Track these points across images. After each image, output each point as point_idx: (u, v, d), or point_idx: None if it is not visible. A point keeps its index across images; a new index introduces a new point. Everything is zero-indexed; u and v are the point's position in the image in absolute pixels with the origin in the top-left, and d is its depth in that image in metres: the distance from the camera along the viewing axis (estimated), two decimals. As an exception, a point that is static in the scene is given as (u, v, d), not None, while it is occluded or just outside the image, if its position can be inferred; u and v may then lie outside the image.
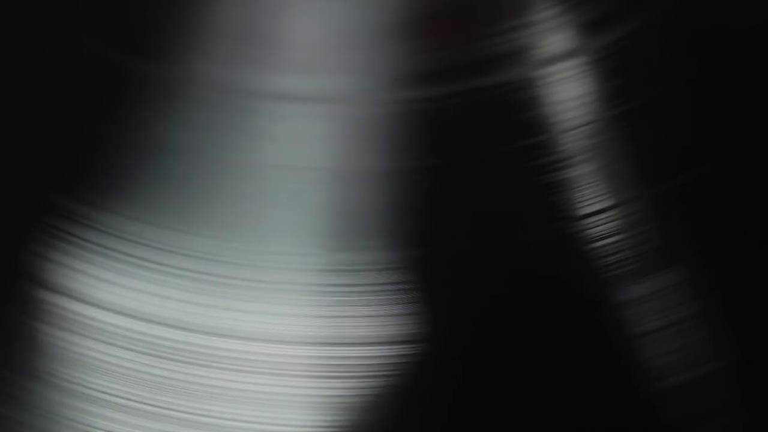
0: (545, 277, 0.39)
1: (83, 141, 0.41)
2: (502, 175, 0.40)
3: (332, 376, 0.38)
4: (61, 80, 0.42)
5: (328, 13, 0.42)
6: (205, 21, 0.42)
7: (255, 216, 0.40)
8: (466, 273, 0.39)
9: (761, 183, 0.40)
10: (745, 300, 0.39)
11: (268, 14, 0.42)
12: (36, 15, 0.42)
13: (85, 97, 0.42)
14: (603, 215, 0.40)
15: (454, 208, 0.40)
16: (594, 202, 0.40)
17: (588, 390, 0.39)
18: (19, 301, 0.39)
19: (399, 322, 0.39)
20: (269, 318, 0.39)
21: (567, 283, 0.39)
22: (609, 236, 0.39)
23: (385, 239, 0.40)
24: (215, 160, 0.41)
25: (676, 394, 0.38)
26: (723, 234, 0.40)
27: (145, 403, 0.38)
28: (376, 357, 0.39)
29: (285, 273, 0.39)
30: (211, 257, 0.40)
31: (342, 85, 0.41)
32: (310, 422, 0.38)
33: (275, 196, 0.40)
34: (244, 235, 0.40)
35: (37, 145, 0.41)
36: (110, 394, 0.38)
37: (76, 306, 0.39)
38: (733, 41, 0.41)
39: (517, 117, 0.41)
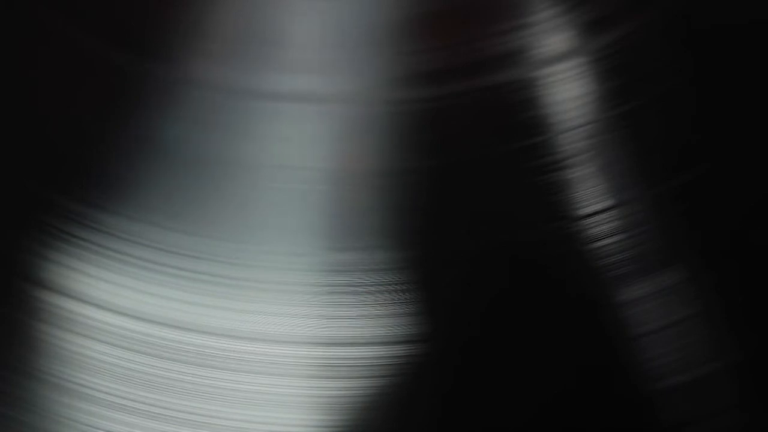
0: (545, 277, 0.39)
1: (83, 141, 0.41)
2: (502, 175, 0.40)
3: (332, 376, 0.39)
4: (61, 80, 0.42)
5: (328, 13, 0.42)
6: (205, 21, 0.42)
7: (254, 216, 0.40)
8: (466, 273, 0.39)
9: (761, 183, 0.40)
10: (745, 300, 0.39)
11: (267, 14, 0.42)
12: (36, 15, 0.42)
13: (85, 97, 0.42)
14: (603, 215, 0.40)
15: (454, 208, 0.40)
16: (594, 202, 0.40)
17: (588, 390, 0.38)
18: (18, 301, 0.39)
19: (399, 322, 0.39)
20: (268, 318, 0.39)
21: (567, 283, 0.39)
22: (609, 236, 0.39)
23: (385, 239, 0.40)
24: (215, 159, 0.41)
25: (676, 394, 0.38)
26: (723, 234, 0.40)
27: (145, 403, 0.38)
28: (375, 357, 0.39)
29: (284, 273, 0.39)
30: (210, 257, 0.40)
31: (342, 85, 0.41)
32: (310, 422, 0.38)
33: (275, 196, 0.40)
34: (243, 235, 0.40)
35: (37, 145, 0.41)
36: (110, 394, 0.38)
37: (75, 306, 0.39)
38: (733, 41, 0.41)
39: (517, 117, 0.41)
